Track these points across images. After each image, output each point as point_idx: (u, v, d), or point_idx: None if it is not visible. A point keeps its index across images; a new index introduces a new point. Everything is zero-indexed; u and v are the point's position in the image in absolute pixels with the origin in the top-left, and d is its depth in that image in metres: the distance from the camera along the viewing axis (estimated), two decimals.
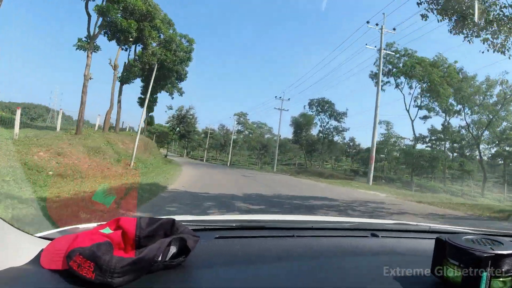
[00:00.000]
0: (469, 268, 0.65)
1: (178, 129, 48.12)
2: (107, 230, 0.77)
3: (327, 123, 44.71)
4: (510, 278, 0.65)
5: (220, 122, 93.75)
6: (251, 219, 1.38)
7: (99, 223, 0.96)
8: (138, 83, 32.64)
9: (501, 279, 0.64)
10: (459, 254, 0.68)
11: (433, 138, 37.00)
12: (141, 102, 32.71)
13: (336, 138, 47.10)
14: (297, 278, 0.79)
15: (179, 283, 0.70)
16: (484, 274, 0.62)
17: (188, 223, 1.08)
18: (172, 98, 42.34)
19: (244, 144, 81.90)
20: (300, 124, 47.41)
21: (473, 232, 1.40)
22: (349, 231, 1.32)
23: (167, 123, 48.10)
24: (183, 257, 0.75)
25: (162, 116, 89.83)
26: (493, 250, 0.66)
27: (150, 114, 41.77)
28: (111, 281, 0.61)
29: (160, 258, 0.69)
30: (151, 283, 0.66)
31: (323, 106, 43.80)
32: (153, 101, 33.12)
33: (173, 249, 0.74)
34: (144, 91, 31.28)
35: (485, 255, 0.64)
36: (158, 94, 34.91)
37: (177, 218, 1.01)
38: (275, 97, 39.81)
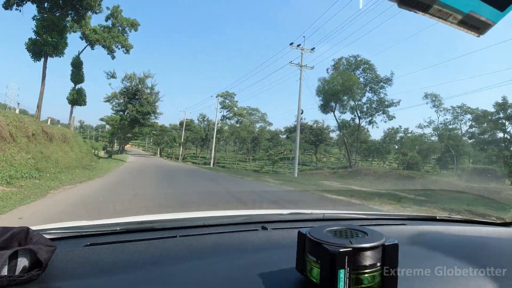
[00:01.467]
0: (325, 265, 0.59)
1: (126, 110, 31.06)
2: None
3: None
4: (376, 272, 0.60)
5: (200, 112, 78.68)
6: (130, 221, 1.27)
7: None
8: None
9: (365, 275, 0.59)
10: (317, 249, 0.62)
11: None
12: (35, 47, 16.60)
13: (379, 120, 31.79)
14: (176, 281, 0.75)
15: None
16: (341, 271, 0.57)
17: (51, 231, 1.01)
18: (113, 57, 26.04)
19: (231, 137, 66.92)
20: (336, 93, 28.55)
21: (364, 218, 1.47)
22: (240, 226, 1.27)
23: (108, 100, 31.06)
24: (37, 271, 0.67)
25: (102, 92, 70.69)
26: (351, 243, 0.60)
27: (78, 86, 25.27)
28: None
29: (5, 273, 0.61)
30: None
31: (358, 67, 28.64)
32: (61, 48, 17.11)
33: (23, 262, 0.66)
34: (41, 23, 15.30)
35: (340, 250, 0.58)
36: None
37: (38, 227, 0.99)
38: (290, 44, 23.68)
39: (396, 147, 55.11)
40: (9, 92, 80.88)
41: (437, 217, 1.58)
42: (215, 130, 42.32)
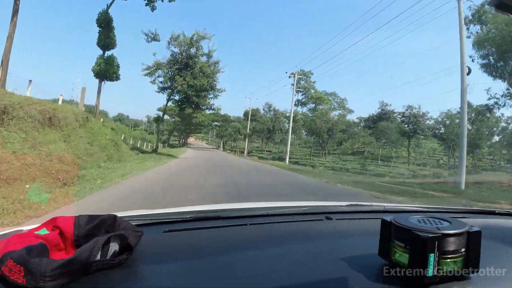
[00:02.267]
0: (415, 250, 0.63)
1: (174, 87, 22.10)
2: (44, 231, 0.72)
3: None
4: (460, 258, 0.64)
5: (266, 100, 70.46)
6: (202, 210, 1.35)
7: (18, 229, 0.95)
8: None
9: (449, 259, 0.63)
10: (405, 235, 0.66)
11: None
12: None
13: None
14: (250, 266, 0.78)
15: (122, 282, 0.66)
16: (431, 255, 0.61)
17: (133, 218, 1.06)
18: (154, 8, 18.44)
19: (302, 127, 56.96)
20: None
21: (426, 210, 1.47)
22: (304, 216, 1.32)
23: (148, 73, 22.63)
24: (126, 255, 0.70)
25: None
26: (439, 230, 0.64)
27: (107, 53, 17.91)
28: (43, 285, 0.57)
29: (98, 258, 0.65)
30: (91, 284, 0.62)
31: None
32: None
33: (114, 247, 0.69)
34: None
35: (430, 235, 0.62)
36: None
37: (122, 214, 1.07)
38: None
39: None
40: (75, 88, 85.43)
41: (496, 211, 1.58)
42: (291, 117, 32.82)
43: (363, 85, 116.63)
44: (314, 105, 44.39)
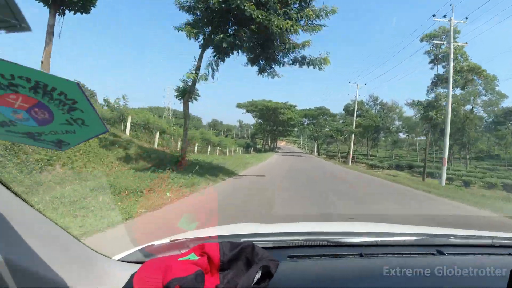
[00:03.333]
0: None
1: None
2: (193, 257, 0.82)
3: None
4: None
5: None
6: (316, 231, 1.39)
7: (172, 238, 1.18)
8: None
9: None
10: None
11: None
12: None
13: None
14: None
15: None
16: None
17: (256, 240, 1.12)
18: None
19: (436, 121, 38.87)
20: None
21: None
22: (414, 248, 1.26)
23: None
24: (267, 281, 0.78)
25: None
26: None
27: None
28: None
29: (251, 283, 0.75)
30: None
31: None
32: None
33: (258, 274, 0.77)
34: None
35: None
36: None
37: (243, 228, 1.52)
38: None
39: None
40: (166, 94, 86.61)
41: None
42: (449, 104, 18.08)
43: None
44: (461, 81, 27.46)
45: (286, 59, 10.71)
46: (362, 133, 44.06)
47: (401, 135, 60.45)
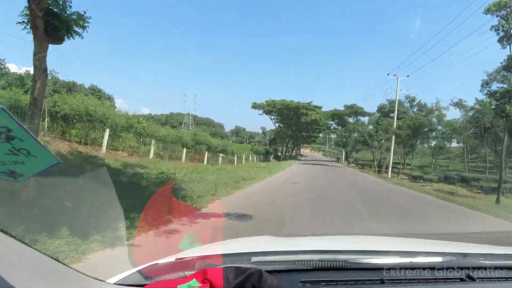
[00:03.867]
0: None
1: None
2: (195, 283, 0.77)
3: None
4: None
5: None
6: (333, 250, 1.32)
7: (178, 256, 1.12)
8: None
9: None
10: None
11: None
12: None
13: None
14: None
15: None
16: None
17: (266, 261, 1.08)
18: None
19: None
20: None
21: None
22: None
23: None
24: None
25: None
26: None
27: None
28: None
29: None
30: None
31: None
32: None
33: None
34: None
35: None
36: None
37: (255, 243, 1.58)
38: None
39: None
40: (186, 100, 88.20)
41: None
42: None
43: None
44: None
45: None
46: (404, 138, 36.87)
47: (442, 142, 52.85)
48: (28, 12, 4.44)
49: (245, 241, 1.68)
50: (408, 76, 32.01)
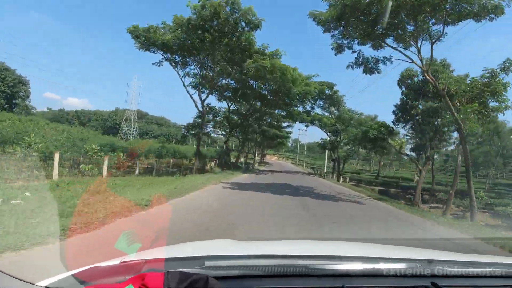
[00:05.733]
0: None
1: None
2: None
3: None
4: None
5: None
6: (294, 255, 1.24)
7: (123, 259, 1.01)
8: None
9: None
10: None
11: None
12: None
13: None
14: None
15: None
16: None
17: (220, 265, 0.99)
18: None
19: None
20: None
21: None
22: (404, 279, 1.10)
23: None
24: None
25: None
26: None
27: None
28: None
29: None
30: None
31: None
32: None
33: None
34: None
35: None
36: None
37: (212, 246, 1.46)
38: None
39: None
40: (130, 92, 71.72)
41: None
42: None
43: None
44: None
45: None
46: None
47: None
48: None
49: (201, 245, 1.61)
50: None
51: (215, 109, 26.28)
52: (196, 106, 18.23)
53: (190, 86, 20.51)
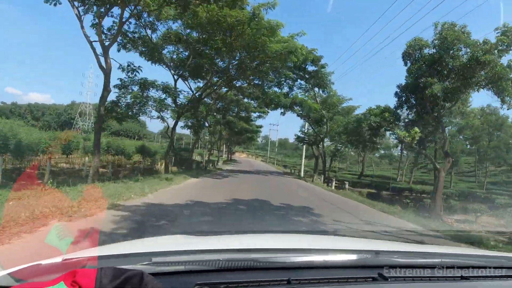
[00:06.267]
0: None
1: None
2: (62, 286, 0.66)
3: None
4: None
5: None
6: (244, 248, 1.24)
7: (65, 257, 0.96)
8: None
9: None
10: None
11: None
12: None
13: None
14: None
15: None
16: None
17: (167, 261, 0.97)
18: None
19: None
20: None
21: None
22: (352, 270, 1.08)
23: None
24: None
25: None
26: None
27: None
28: None
29: None
30: None
31: None
32: None
33: None
34: None
35: None
36: None
37: (159, 242, 1.36)
38: None
39: None
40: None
41: None
42: None
43: None
44: None
45: None
46: None
47: None
48: None
49: (151, 240, 1.57)
50: None
51: (137, 68, 14.94)
52: (98, 60, 10.62)
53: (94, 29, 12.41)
